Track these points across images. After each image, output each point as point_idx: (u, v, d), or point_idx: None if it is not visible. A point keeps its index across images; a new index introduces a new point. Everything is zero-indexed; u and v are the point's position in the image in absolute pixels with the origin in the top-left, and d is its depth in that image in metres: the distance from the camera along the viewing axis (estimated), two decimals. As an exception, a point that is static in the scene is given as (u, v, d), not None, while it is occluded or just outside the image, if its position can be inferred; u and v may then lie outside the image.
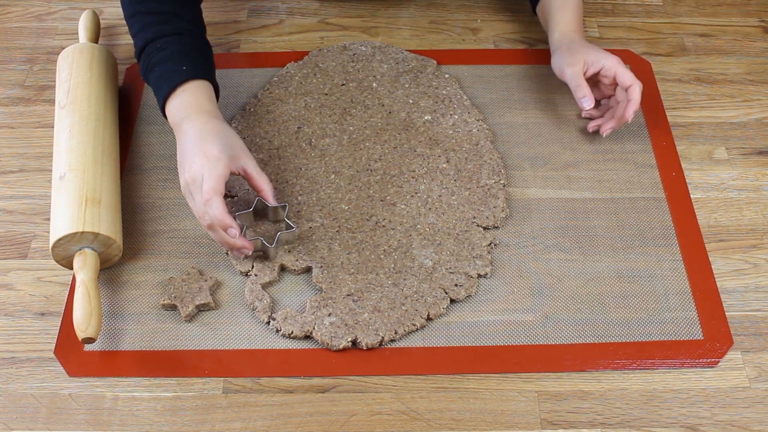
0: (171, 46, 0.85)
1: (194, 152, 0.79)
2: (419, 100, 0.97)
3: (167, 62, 0.84)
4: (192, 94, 0.83)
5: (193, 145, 0.79)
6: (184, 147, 0.80)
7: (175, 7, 0.88)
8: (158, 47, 0.85)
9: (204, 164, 0.78)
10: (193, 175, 0.78)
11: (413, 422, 0.74)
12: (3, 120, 0.98)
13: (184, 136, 0.81)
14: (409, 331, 0.78)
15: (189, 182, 0.79)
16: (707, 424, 0.73)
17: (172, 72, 0.84)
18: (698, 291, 0.81)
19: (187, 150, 0.80)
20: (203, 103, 0.83)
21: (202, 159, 0.78)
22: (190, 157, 0.79)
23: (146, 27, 0.86)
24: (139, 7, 0.87)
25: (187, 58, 0.85)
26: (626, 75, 0.88)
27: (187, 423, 0.74)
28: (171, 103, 0.83)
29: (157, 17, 0.86)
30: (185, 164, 0.79)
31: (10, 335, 0.80)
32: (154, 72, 0.85)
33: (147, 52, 0.86)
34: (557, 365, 0.77)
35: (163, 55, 0.85)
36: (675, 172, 0.91)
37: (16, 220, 0.89)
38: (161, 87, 0.84)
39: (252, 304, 0.80)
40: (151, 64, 0.85)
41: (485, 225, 0.86)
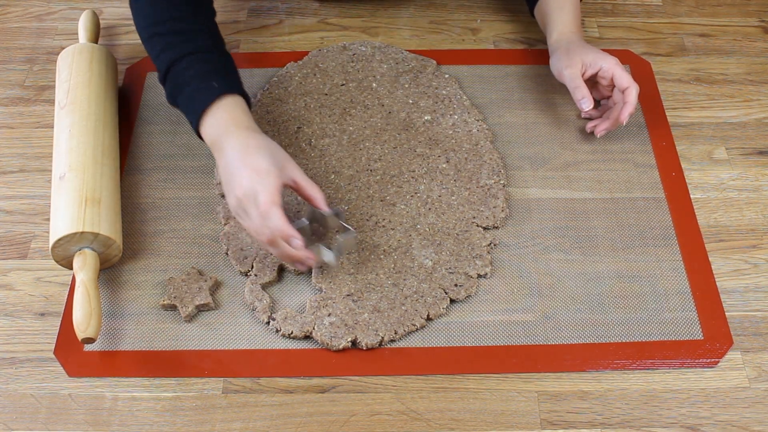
0: (197, 65, 0.82)
1: (241, 168, 0.76)
2: (419, 100, 0.97)
3: (196, 81, 0.81)
4: (226, 110, 0.80)
5: (238, 161, 0.76)
6: (228, 164, 0.77)
7: (193, 25, 0.85)
8: (184, 67, 0.82)
9: (255, 178, 0.75)
10: (245, 190, 0.75)
11: (413, 422, 0.74)
12: (3, 120, 0.98)
13: (226, 154, 0.78)
14: (409, 332, 0.78)
15: (241, 199, 0.75)
16: (707, 424, 0.73)
17: (202, 90, 0.80)
18: (698, 291, 0.81)
19: (232, 167, 0.77)
20: (240, 117, 0.80)
21: (251, 174, 0.75)
22: (239, 174, 0.76)
23: (168, 48, 0.83)
24: (156, 29, 0.84)
25: (216, 75, 0.82)
26: (623, 77, 0.88)
27: (187, 423, 0.74)
28: (206, 122, 0.80)
29: (177, 37, 0.83)
30: (233, 182, 0.76)
31: (10, 335, 0.80)
32: (183, 93, 0.82)
33: (173, 74, 0.82)
34: (557, 365, 0.77)
35: (190, 74, 0.82)
36: (675, 172, 0.91)
37: (16, 220, 0.89)
38: (193, 107, 0.81)
39: (252, 304, 0.80)
40: (178, 86, 0.82)
41: (485, 225, 0.86)
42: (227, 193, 0.78)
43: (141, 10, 0.87)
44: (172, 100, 0.84)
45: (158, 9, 0.85)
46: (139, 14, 0.87)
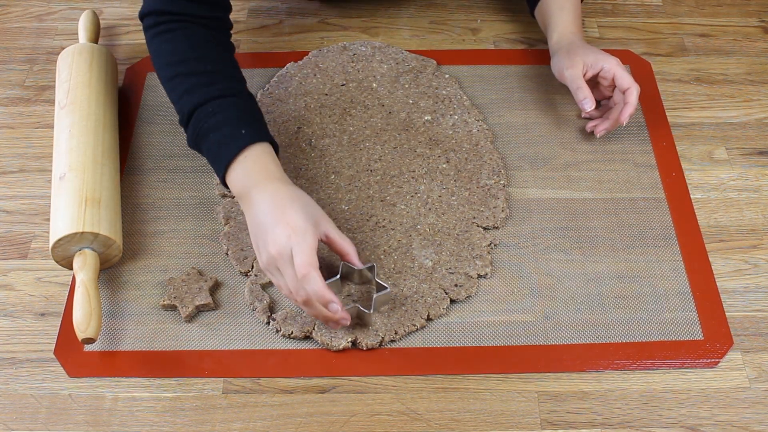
0: (224, 110, 0.79)
1: (275, 224, 0.73)
2: (419, 101, 0.96)
3: (223, 127, 0.78)
4: (256, 160, 0.77)
5: (271, 215, 0.73)
6: (259, 219, 0.74)
7: (217, 66, 0.82)
8: (210, 111, 0.78)
9: (291, 236, 0.72)
10: (280, 249, 0.72)
11: (413, 422, 0.74)
12: (3, 120, 0.98)
13: (257, 207, 0.75)
14: (409, 332, 0.78)
15: (275, 257, 0.72)
16: (707, 425, 0.73)
17: (229, 138, 0.77)
18: (698, 291, 0.81)
19: (265, 222, 0.74)
20: (269, 167, 0.77)
21: (286, 230, 0.72)
22: (272, 230, 0.73)
23: (192, 90, 0.80)
24: (178, 69, 0.81)
25: (244, 121, 0.79)
26: (625, 78, 0.88)
27: (187, 423, 0.74)
28: (234, 171, 0.77)
29: (202, 78, 0.80)
30: (267, 238, 0.73)
31: (10, 335, 0.80)
32: (207, 139, 0.78)
33: (197, 118, 0.79)
34: (557, 365, 0.77)
35: (217, 120, 0.78)
36: (675, 173, 0.91)
37: (16, 220, 0.89)
38: (220, 155, 0.78)
39: (252, 304, 0.80)
40: (203, 131, 0.78)
41: (485, 225, 0.86)
42: (258, 248, 0.75)
43: (161, 49, 0.83)
44: (194, 144, 0.81)
45: (180, 48, 0.82)
46: (159, 53, 0.83)
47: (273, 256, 0.72)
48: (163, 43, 0.83)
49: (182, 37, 0.83)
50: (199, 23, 0.84)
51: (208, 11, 0.85)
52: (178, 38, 0.83)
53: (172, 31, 0.83)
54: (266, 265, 0.74)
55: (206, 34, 0.84)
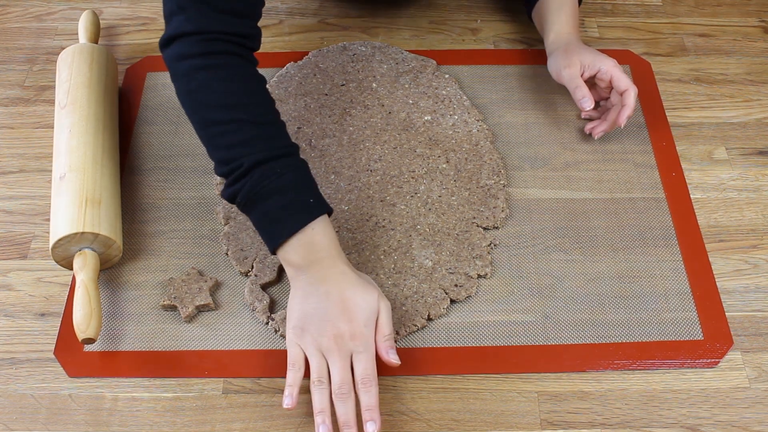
0: (291, 171, 0.73)
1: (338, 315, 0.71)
2: (419, 101, 0.96)
3: (289, 192, 0.72)
4: (322, 233, 0.73)
5: (335, 304, 0.71)
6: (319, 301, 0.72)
7: (274, 114, 0.76)
8: (277, 172, 0.72)
9: (355, 336, 0.70)
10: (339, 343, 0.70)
11: (413, 422, 0.74)
12: (3, 120, 0.98)
13: (318, 286, 0.72)
14: (411, 332, 0.78)
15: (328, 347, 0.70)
16: (707, 424, 0.73)
17: (298, 206, 0.72)
18: (698, 291, 0.81)
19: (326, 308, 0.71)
20: (333, 243, 0.74)
21: (350, 327, 0.71)
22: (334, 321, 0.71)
23: (253, 142, 0.73)
24: (233, 113, 0.73)
25: (309, 188, 0.74)
26: (622, 79, 0.88)
27: (187, 423, 0.74)
28: (295, 243, 0.72)
29: (263, 129, 0.74)
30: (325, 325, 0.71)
31: (10, 335, 0.80)
32: (270, 201, 0.72)
33: (261, 175, 0.72)
34: (557, 365, 0.77)
35: (284, 182, 0.72)
36: (675, 173, 0.91)
37: (16, 220, 0.89)
38: (281, 222, 0.72)
39: (252, 304, 0.80)
40: (265, 191, 0.72)
41: (485, 225, 0.86)
42: (309, 327, 0.72)
43: (206, 85, 0.74)
44: (246, 201, 0.73)
45: (230, 87, 0.74)
46: (203, 90, 0.74)
47: (329, 344, 0.70)
48: (211, 81, 0.74)
49: (233, 76, 0.75)
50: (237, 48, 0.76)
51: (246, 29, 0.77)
52: (229, 77, 0.75)
53: (219, 68, 0.74)
54: (313, 348, 0.71)
55: (251, 68, 0.77)
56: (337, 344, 0.71)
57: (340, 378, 0.70)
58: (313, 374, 0.71)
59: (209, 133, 0.75)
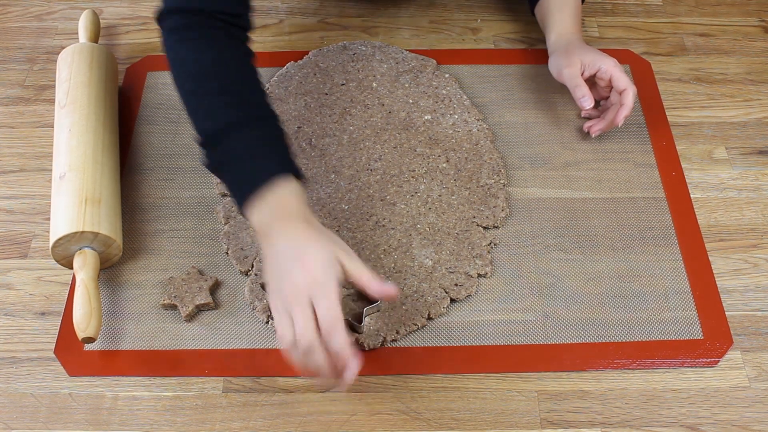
0: (260, 135, 0.75)
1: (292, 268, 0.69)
2: (419, 100, 0.97)
3: (253, 154, 0.74)
4: (283, 195, 0.72)
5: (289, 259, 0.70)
6: (277, 261, 0.71)
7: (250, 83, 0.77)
8: (248, 135, 0.74)
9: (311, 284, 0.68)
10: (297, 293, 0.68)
11: (413, 422, 0.74)
12: (3, 120, 0.98)
13: (275, 247, 0.71)
14: (411, 331, 0.78)
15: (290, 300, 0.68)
16: (707, 424, 0.73)
17: (258, 169, 0.73)
18: (698, 291, 0.81)
19: (282, 264, 0.70)
20: (294, 204, 0.73)
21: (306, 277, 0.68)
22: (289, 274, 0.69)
23: (227, 107, 0.75)
24: (206, 83, 0.76)
25: (276, 151, 0.75)
26: (622, 79, 0.88)
27: (187, 423, 0.74)
28: (257, 205, 0.72)
29: (234, 97, 0.76)
30: (282, 281, 0.69)
31: (10, 335, 0.80)
32: (235, 164, 0.74)
33: (227, 140, 0.74)
34: (557, 365, 0.77)
35: (247, 145, 0.74)
36: (675, 172, 0.91)
37: (16, 220, 0.89)
38: (244, 184, 0.73)
39: (252, 303, 0.80)
40: (232, 155, 0.74)
41: (485, 225, 0.86)
42: (273, 289, 0.71)
43: (185, 57, 0.77)
44: (216, 166, 0.76)
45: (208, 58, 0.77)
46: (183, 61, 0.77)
47: (287, 299, 0.68)
48: (190, 52, 0.77)
49: (210, 46, 0.77)
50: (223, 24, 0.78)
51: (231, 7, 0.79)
52: (206, 47, 0.77)
53: (197, 39, 0.77)
54: (277, 306, 0.70)
55: (234, 41, 0.79)
56: (295, 296, 0.68)
57: (301, 330, 0.67)
58: (281, 334, 0.69)
59: (189, 102, 0.77)
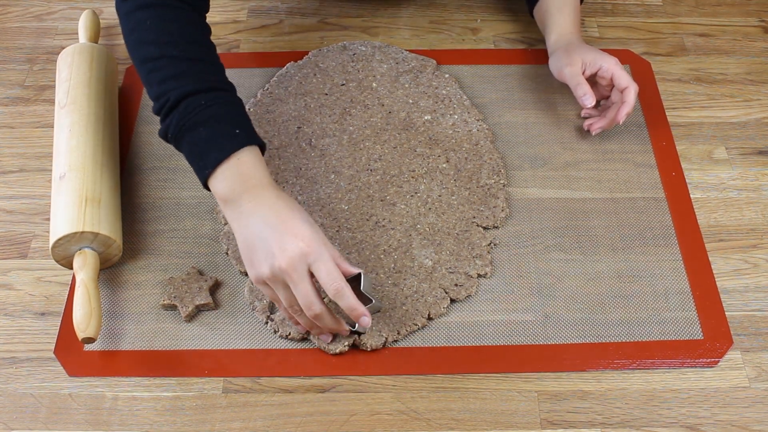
0: (217, 104, 0.73)
1: (282, 235, 0.68)
2: (419, 100, 0.97)
3: (215, 123, 0.72)
4: (249, 164, 0.72)
5: (274, 226, 0.68)
6: (258, 229, 0.69)
7: (210, 54, 0.77)
8: (202, 104, 0.72)
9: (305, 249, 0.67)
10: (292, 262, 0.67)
11: (413, 422, 0.74)
12: (3, 120, 0.98)
13: (253, 216, 0.70)
14: (411, 331, 0.78)
15: (285, 270, 0.67)
16: (707, 424, 0.73)
17: (223, 136, 0.72)
18: (698, 291, 0.81)
19: (265, 232, 0.68)
20: (262, 173, 0.72)
21: (298, 243, 0.67)
22: (279, 242, 0.67)
23: (182, 76, 0.73)
24: (166, 50, 0.74)
25: (238, 120, 0.74)
26: (623, 77, 0.88)
27: (187, 423, 0.74)
28: (222, 173, 0.71)
29: (194, 65, 0.74)
30: (272, 250, 0.68)
31: (10, 335, 0.80)
32: (195, 133, 0.72)
33: (186, 108, 0.72)
34: (557, 365, 0.77)
35: (210, 114, 0.72)
36: (675, 172, 0.91)
37: (16, 220, 0.89)
38: (208, 152, 0.72)
39: (252, 303, 0.80)
40: (190, 123, 0.72)
41: (485, 225, 0.86)
42: (257, 261, 0.69)
43: (144, 24, 0.76)
44: (175, 135, 0.74)
45: (168, 27, 0.76)
46: (142, 28, 0.76)
47: (282, 269, 0.67)
48: (148, 19, 0.76)
49: (173, 18, 0.76)
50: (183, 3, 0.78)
51: None
52: (166, 17, 0.76)
53: (157, 7, 0.76)
54: (270, 277, 0.69)
55: (192, 14, 0.78)
56: (291, 265, 0.67)
57: (306, 300, 0.67)
58: (285, 309, 0.70)
59: (145, 70, 0.76)
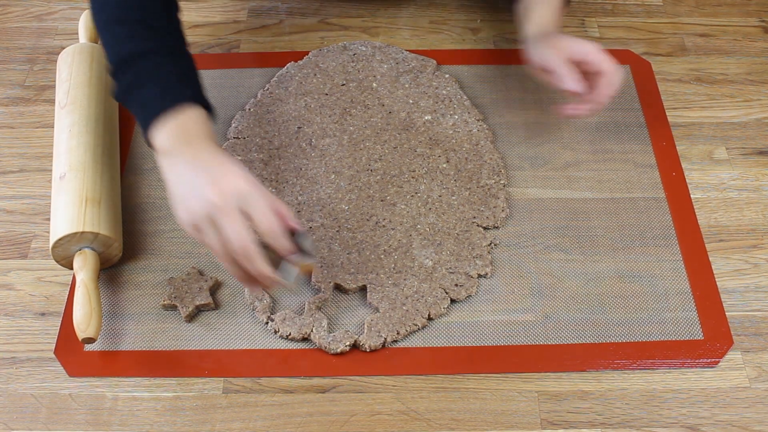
0: (170, 64, 0.75)
1: (219, 174, 0.68)
2: (419, 100, 0.97)
3: (165, 80, 0.74)
4: (194, 119, 0.73)
5: (210, 168, 0.69)
6: (193, 171, 0.69)
7: (172, 20, 0.79)
8: (156, 62, 0.75)
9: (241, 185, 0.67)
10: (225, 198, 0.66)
11: (413, 422, 0.74)
12: (3, 120, 0.98)
13: (190, 161, 0.70)
14: (411, 331, 0.78)
15: (218, 205, 0.67)
16: (707, 424, 0.73)
17: (171, 91, 0.73)
18: (698, 291, 0.81)
19: (199, 174, 0.69)
20: (207, 131, 0.73)
21: (236, 180, 0.68)
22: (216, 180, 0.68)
23: (139, 36, 0.76)
24: (129, 14, 0.76)
25: (189, 80, 0.76)
26: (605, 60, 0.85)
27: (187, 423, 0.74)
28: (166, 125, 0.72)
29: (153, 29, 0.76)
30: (205, 187, 0.67)
31: (10, 335, 0.80)
32: (144, 88, 0.74)
33: (138, 65, 0.75)
34: (557, 365, 0.77)
35: (161, 72, 0.74)
36: (675, 172, 0.91)
37: (16, 220, 0.89)
38: (154, 104, 0.73)
39: (252, 304, 0.80)
40: (141, 80, 0.74)
41: (485, 225, 0.86)
42: (189, 199, 0.69)
43: None
44: (125, 92, 0.75)
45: None
46: None
47: (215, 203, 0.66)
48: None
49: None
50: None
51: None
52: None
53: None
54: (201, 215, 0.67)
55: None
56: (223, 201, 0.66)
57: (235, 237, 0.66)
58: (216, 250, 0.68)
59: (104, 33, 0.78)
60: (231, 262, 0.69)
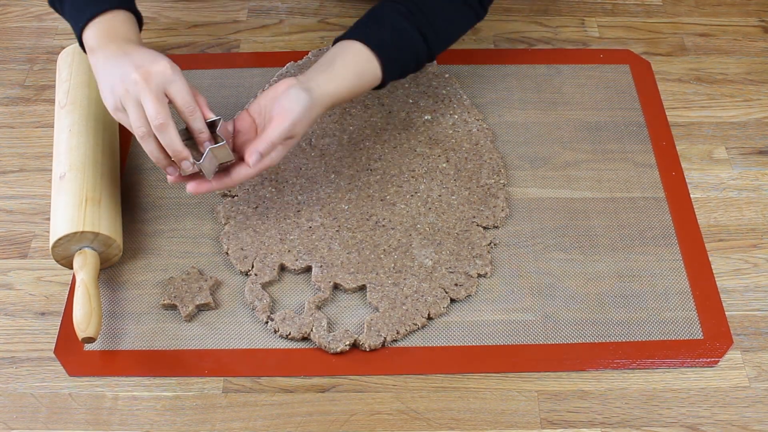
0: None
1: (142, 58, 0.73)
2: (419, 100, 0.97)
3: None
4: (123, 24, 0.79)
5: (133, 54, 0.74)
6: (119, 57, 0.74)
7: None
8: None
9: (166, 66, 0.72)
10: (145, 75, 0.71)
11: (413, 422, 0.74)
12: (3, 120, 0.98)
13: (116, 52, 0.75)
14: (411, 331, 0.78)
15: (140, 81, 0.71)
16: (707, 424, 0.73)
17: None
18: (698, 291, 0.81)
19: (124, 59, 0.73)
20: (135, 34, 0.79)
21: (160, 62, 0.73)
22: (139, 61, 0.73)
23: None
24: None
25: None
26: None
27: (187, 423, 0.74)
28: (98, 25, 0.78)
29: None
30: (127, 68, 0.72)
31: (10, 335, 0.80)
32: None
33: None
34: (557, 365, 0.77)
35: None
36: (675, 172, 0.91)
37: (16, 220, 0.89)
38: (85, 9, 0.79)
39: (252, 303, 0.80)
40: None
41: (485, 225, 0.86)
42: (115, 81, 0.73)
43: None
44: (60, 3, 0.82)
45: None
46: None
47: (137, 80, 0.71)
48: None
49: None
50: None
51: None
52: None
53: None
54: (123, 94, 0.72)
55: None
56: (144, 79, 0.71)
57: (154, 109, 0.71)
58: (136, 127, 0.73)
59: None
60: (150, 138, 0.73)
